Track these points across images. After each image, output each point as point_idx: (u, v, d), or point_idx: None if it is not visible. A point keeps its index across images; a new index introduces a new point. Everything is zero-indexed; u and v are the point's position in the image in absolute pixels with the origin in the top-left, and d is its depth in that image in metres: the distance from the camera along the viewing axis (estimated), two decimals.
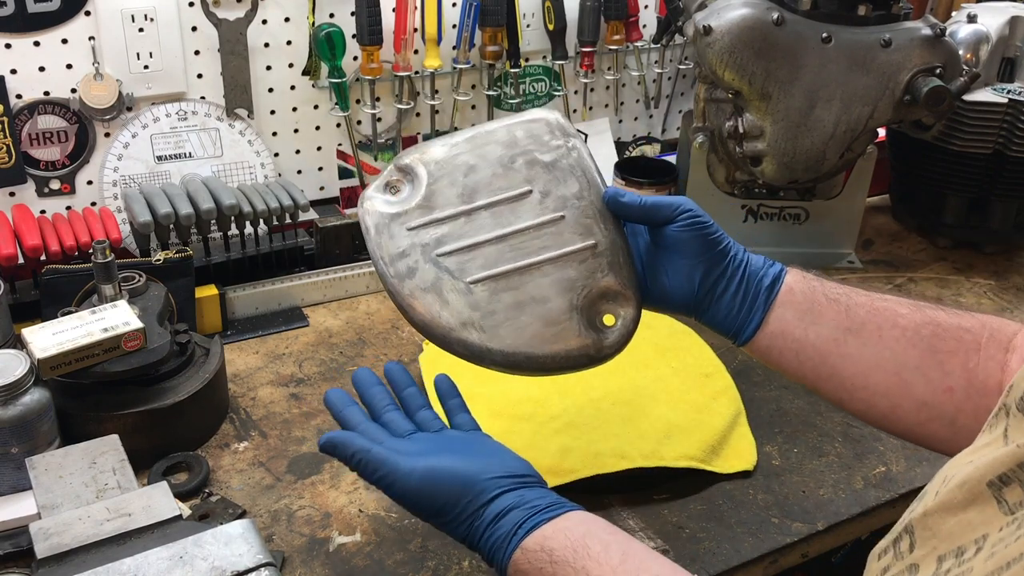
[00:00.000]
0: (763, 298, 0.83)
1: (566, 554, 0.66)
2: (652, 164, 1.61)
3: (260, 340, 1.27)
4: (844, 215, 1.51)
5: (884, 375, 0.79)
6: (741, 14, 1.26)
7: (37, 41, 1.23)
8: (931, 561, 0.54)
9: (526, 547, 0.68)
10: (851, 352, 0.80)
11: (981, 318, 0.79)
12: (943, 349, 0.77)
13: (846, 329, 0.80)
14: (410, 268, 0.82)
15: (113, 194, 1.34)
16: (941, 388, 0.76)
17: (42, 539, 0.70)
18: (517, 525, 0.69)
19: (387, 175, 0.87)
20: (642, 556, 0.67)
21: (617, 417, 1.06)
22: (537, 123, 0.89)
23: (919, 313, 0.80)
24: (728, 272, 0.84)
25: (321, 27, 1.39)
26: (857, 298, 0.82)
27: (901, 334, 0.79)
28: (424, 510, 0.73)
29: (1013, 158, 1.45)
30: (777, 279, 0.83)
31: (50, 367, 0.94)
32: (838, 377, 0.81)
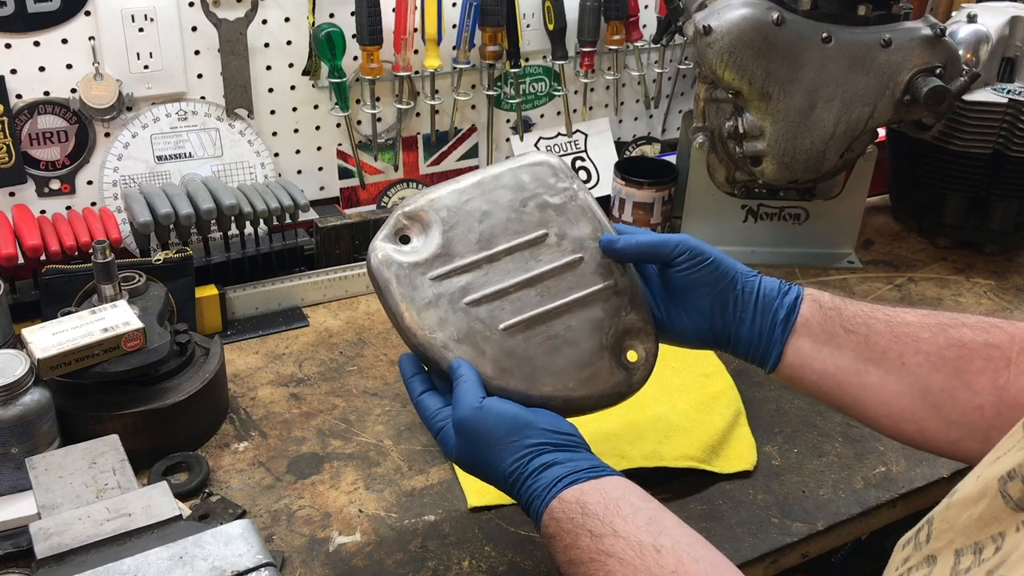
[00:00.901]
0: (779, 331, 0.82)
1: (597, 508, 0.69)
2: (652, 164, 1.61)
3: (260, 340, 1.27)
4: (844, 215, 1.51)
5: (910, 400, 0.78)
6: (741, 14, 1.26)
7: (37, 41, 1.23)
8: (948, 554, 0.54)
9: (563, 497, 0.71)
10: (873, 382, 0.79)
11: (1010, 330, 0.77)
12: (970, 370, 0.76)
13: (866, 359, 0.79)
14: (441, 320, 0.81)
15: (113, 194, 1.34)
16: (970, 408, 0.75)
17: (42, 539, 0.70)
18: (559, 478, 0.72)
19: (395, 223, 0.85)
20: (669, 522, 0.69)
21: (617, 417, 1.05)
22: (541, 167, 0.88)
23: (943, 335, 0.78)
24: (740, 305, 0.84)
25: (321, 27, 1.39)
26: (877, 326, 0.80)
27: (924, 359, 0.77)
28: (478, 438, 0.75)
29: (1013, 158, 1.45)
30: (792, 309, 0.82)
31: (50, 367, 0.94)
32: (861, 406, 0.81)
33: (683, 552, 0.65)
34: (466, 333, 0.81)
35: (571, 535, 0.69)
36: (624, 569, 0.65)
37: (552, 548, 0.71)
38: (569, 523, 0.69)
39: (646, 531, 0.67)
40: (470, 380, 0.78)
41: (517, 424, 0.75)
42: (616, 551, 0.66)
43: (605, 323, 0.84)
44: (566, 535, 0.69)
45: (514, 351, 0.81)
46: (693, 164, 1.47)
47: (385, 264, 0.82)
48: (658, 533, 0.67)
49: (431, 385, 0.82)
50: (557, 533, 0.70)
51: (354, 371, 1.21)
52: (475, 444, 0.76)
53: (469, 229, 0.84)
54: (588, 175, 1.71)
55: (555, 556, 0.71)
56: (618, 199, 1.56)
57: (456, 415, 0.76)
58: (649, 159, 1.70)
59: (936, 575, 0.54)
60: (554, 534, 0.71)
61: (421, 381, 0.82)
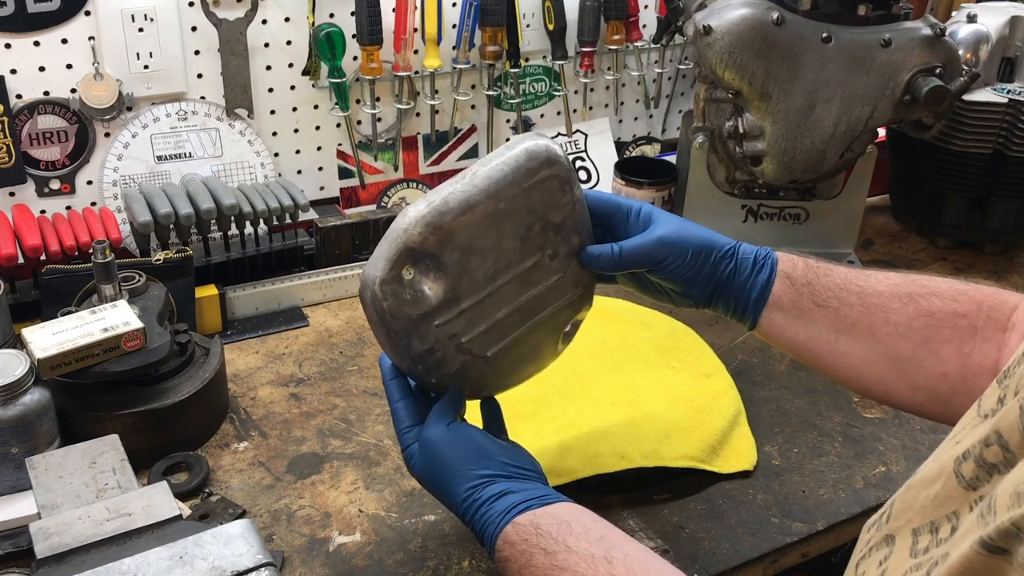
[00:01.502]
0: (752, 309, 0.86)
1: (551, 529, 0.71)
2: (652, 164, 1.61)
3: (260, 340, 1.27)
4: (844, 215, 1.51)
5: (878, 367, 0.81)
6: (741, 14, 1.26)
7: (37, 41, 1.23)
8: (906, 534, 0.55)
9: (517, 522, 0.73)
10: (843, 351, 0.83)
11: (978, 298, 0.79)
12: (937, 339, 0.79)
13: (837, 331, 0.83)
14: (437, 361, 0.81)
15: (113, 194, 1.34)
16: (935, 374, 0.78)
17: (42, 539, 0.70)
18: (513, 505, 0.74)
19: (401, 259, 0.77)
20: (619, 539, 0.71)
21: (617, 417, 1.06)
22: (551, 182, 0.82)
23: (912, 305, 0.81)
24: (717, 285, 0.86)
25: (321, 27, 1.39)
26: (848, 298, 0.83)
27: (894, 330, 0.80)
28: (439, 460, 0.78)
29: (1013, 158, 1.45)
30: (765, 288, 0.85)
31: (50, 367, 0.94)
32: (831, 371, 0.84)
33: (633, 562, 0.67)
34: (458, 369, 0.82)
35: (525, 555, 0.70)
36: None
37: (506, 571, 0.73)
38: (523, 544, 0.71)
39: (597, 545, 0.69)
40: (447, 402, 0.82)
41: (478, 453, 0.77)
42: (570, 565, 0.68)
43: (567, 322, 0.89)
44: (520, 556, 0.71)
45: (494, 371, 0.85)
46: (693, 164, 1.47)
47: (392, 316, 0.77)
48: (609, 547, 0.69)
49: (409, 392, 0.84)
50: (512, 556, 0.72)
51: (354, 371, 1.21)
52: (436, 465, 0.78)
53: (477, 268, 0.80)
54: (588, 175, 1.71)
55: None
56: None
57: (424, 432, 0.80)
58: (649, 159, 1.70)
59: (895, 554, 0.56)
60: (508, 557, 0.72)
61: (399, 387, 0.84)
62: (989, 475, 0.50)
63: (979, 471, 0.51)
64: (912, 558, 0.54)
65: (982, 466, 0.51)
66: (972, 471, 0.51)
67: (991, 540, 0.43)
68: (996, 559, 0.43)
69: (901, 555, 0.55)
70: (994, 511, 0.44)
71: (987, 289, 0.81)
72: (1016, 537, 0.42)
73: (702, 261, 0.85)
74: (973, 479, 0.51)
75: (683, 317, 1.28)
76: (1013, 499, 0.43)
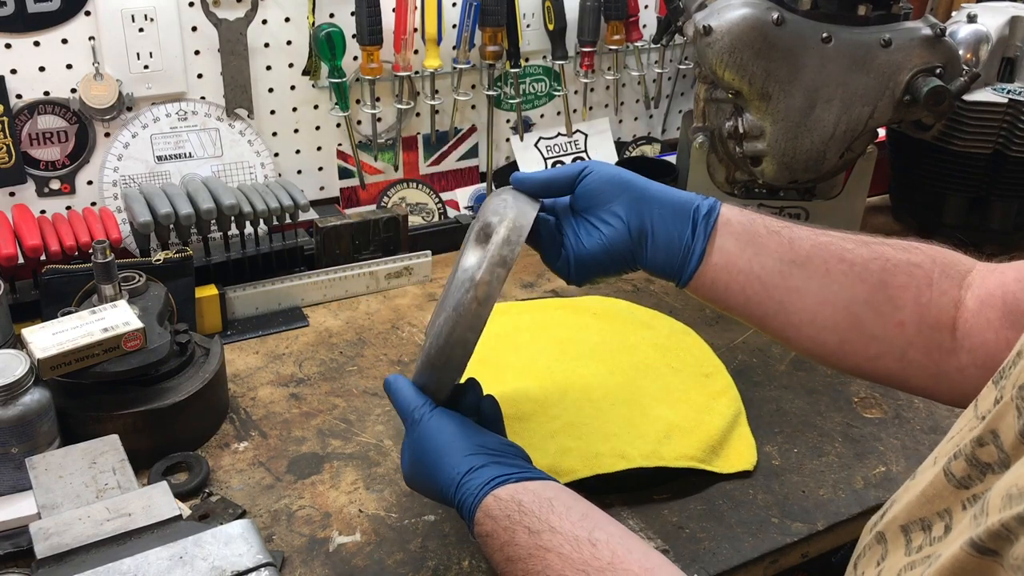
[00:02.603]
0: (701, 227, 0.79)
1: (533, 507, 0.70)
2: (652, 164, 1.61)
3: (260, 340, 1.27)
4: (844, 215, 1.51)
5: (833, 310, 0.77)
6: (741, 14, 1.26)
7: (37, 41, 1.23)
8: (896, 531, 0.56)
9: (498, 495, 0.72)
10: (798, 285, 0.77)
11: (930, 252, 0.78)
12: (893, 284, 0.76)
13: (791, 261, 0.78)
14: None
15: (113, 194, 1.34)
16: (892, 322, 0.75)
17: (42, 539, 0.70)
18: (494, 477, 0.74)
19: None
20: (600, 518, 0.71)
21: (617, 417, 1.06)
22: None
23: (866, 248, 0.78)
24: (655, 205, 0.81)
25: (321, 27, 1.39)
26: (799, 232, 0.79)
27: (849, 268, 0.77)
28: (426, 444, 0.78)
29: (1013, 158, 1.45)
30: (712, 209, 0.80)
31: (50, 367, 0.94)
32: (785, 312, 0.78)
33: (617, 544, 0.67)
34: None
35: (508, 532, 0.70)
36: (562, 563, 0.66)
37: (488, 547, 0.72)
38: (506, 520, 0.70)
39: (581, 526, 0.68)
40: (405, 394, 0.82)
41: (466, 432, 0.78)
42: (554, 546, 0.67)
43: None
44: (503, 532, 0.70)
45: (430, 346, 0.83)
46: (693, 164, 1.47)
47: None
48: (592, 528, 0.68)
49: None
50: (494, 531, 0.71)
51: (354, 371, 1.21)
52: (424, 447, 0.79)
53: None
54: None
55: (491, 555, 0.72)
56: None
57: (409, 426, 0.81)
58: (649, 159, 1.70)
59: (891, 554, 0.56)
60: (490, 532, 0.71)
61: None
62: (982, 474, 0.50)
63: (971, 470, 0.51)
64: (907, 556, 0.54)
65: (974, 465, 0.51)
66: (963, 470, 0.51)
67: (981, 541, 0.43)
68: (986, 560, 0.43)
69: (896, 554, 0.55)
70: (986, 513, 0.44)
71: (938, 247, 0.79)
72: (1006, 539, 0.42)
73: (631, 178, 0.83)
74: (964, 478, 0.51)
75: (683, 317, 1.28)
76: (1005, 501, 0.43)
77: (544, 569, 0.67)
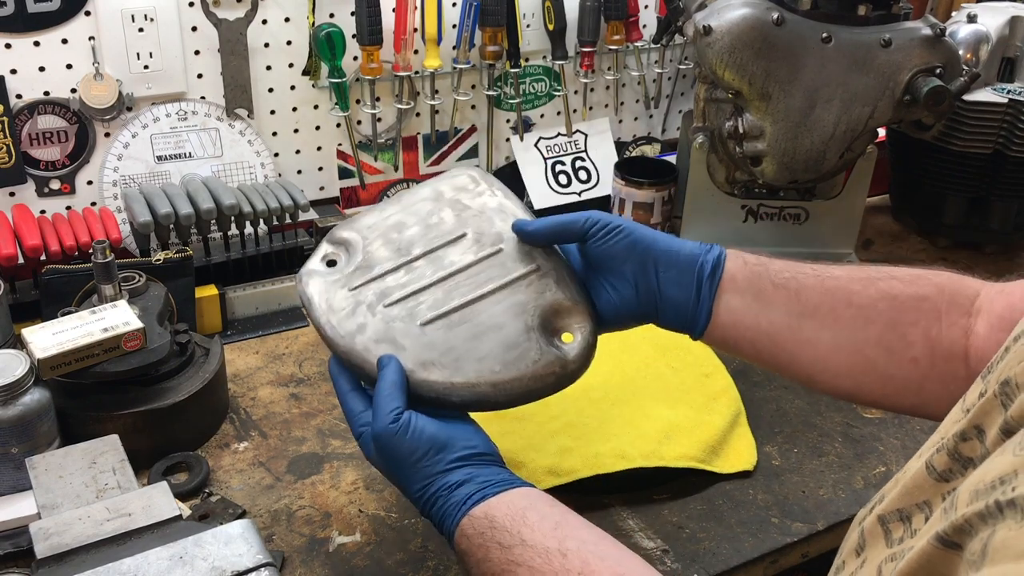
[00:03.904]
0: (707, 288, 0.80)
1: (505, 521, 0.70)
2: (652, 164, 1.61)
3: (260, 340, 1.27)
4: (844, 215, 1.51)
5: (845, 355, 0.77)
6: (741, 14, 1.26)
7: (37, 41, 1.23)
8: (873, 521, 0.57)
9: (473, 514, 0.72)
10: (808, 337, 0.78)
11: (938, 282, 0.77)
12: (903, 321, 0.76)
13: (799, 314, 0.78)
14: (359, 325, 0.81)
15: (113, 194, 1.34)
16: (905, 359, 0.75)
17: (42, 539, 0.70)
18: (468, 496, 0.73)
19: (321, 250, 0.88)
20: (574, 525, 0.70)
21: (617, 417, 1.06)
22: (459, 177, 0.92)
23: (873, 287, 0.78)
24: (663, 266, 0.81)
25: (321, 27, 1.39)
26: (806, 280, 0.79)
27: (858, 312, 0.77)
28: (392, 456, 0.76)
29: (1013, 158, 1.45)
30: (717, 265, 0.80)
31: (50, 367, 0.94)
32: (797, 363, 0.79)
33: (589, 553, 0.66)
34: (384, 333, 0.81)
35: (482, 549, 0.70)
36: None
37: (466, 564, 0.72)
38: (479, 538, 0.70)
39: (552, 537, 0.68)
40: (388, 385, 0.77)
41: (433, 446, 0.75)
42: (525, 560, 0.67)
43: (529, 304, 0.83)
44: (477, 550, 0.70)
45: (435, 343, 0.80)
46: (693, 164, 1.47)
47: (307, 284, 0.85)
48: (564, 537, 0.68)
49: (357, 384, 0.82)
50: (469, 549, 0.71)
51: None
52: (390, 461, 0.76)
53: (387, 241, 0.87)
54: (588, 175, 1.71)
55: (469, 571, 0.72)
56: (618, 199, 1.56)
57: (373, 428, 0.76)
58: (649, 159, 1.70)
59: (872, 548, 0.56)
60: (466, 550, 0.71)
61: (347, 380, 0.82)
62: (964, 468, 0.50)
63: (952, 464, 0.51)
64: (888, 548, 0.54)
65: (956, 459, 0.51)
66: (944, 463, 0.51)
67: (946, 535, 0.44)
68: (950, 553, 0.44)
69: (878, 546, 0.55)
70: (955, 507, 0.44)
71: (945, 273, 0.78)
72: (968, 533, 0.42)
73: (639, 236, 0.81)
74: (945, 471, 0.51)
75: None
76: (972, 496, 0.43)
77: None
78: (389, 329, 0.81)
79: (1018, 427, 0.46)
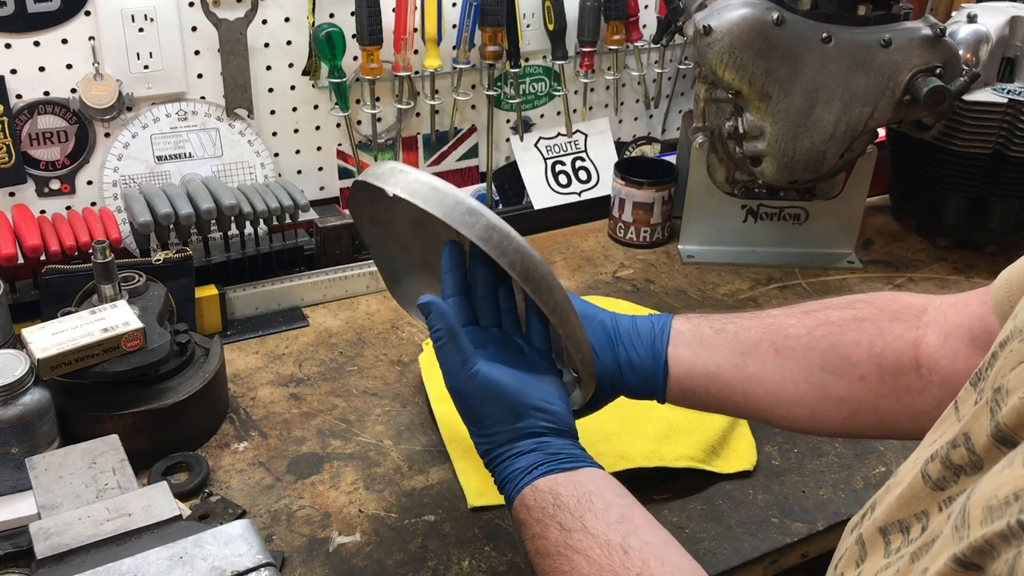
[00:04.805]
0: (661, 346, 0.82)
1: (570, 501, 0.68)
2: (652, 164, 1.61)
3: (260, 340, 1.27)
4: (844, 215, 1.51)
5: (794, 385, 0.79)
6: (741, 14, 1.26)
7: (37, 41, 1.23)
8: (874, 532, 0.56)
9: (537, 486, 0.70)
10: (755, 372, 0.80)
11: (876, 303, 0.79)
12: (843, 342, 0.77)
13: (741, 353, 0.80)
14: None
15: (113, 194, 1.34)
16: (854, 378, 0.77)
17: (42, 539, 0.70)
18: (536, 464, 0.72)
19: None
20: (639, 522, 0.68)
21: (617, 417, 1.05)
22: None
23: (809, 318, 0.80)
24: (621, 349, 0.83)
25: (321, 27, 1.39)
26: (743, 322, 0.82)
27: (797, 343, 0.79)
28: (468, 411, 0.75)
29: (1013, 158, 1.45)
30: (665, 324, 0.83)
31: (50, 367, 0.94)
32: (752, 400, 0.81)
33: (650, 554, 0.65)
34: None
35: (541, 524, 0.69)
36: (590, 567, 0.65)
37: (521, 534, 0.72)
38: (540, 512, 0.69)
39: (616, 530, 0.66)
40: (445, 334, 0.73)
41: (510, 412, 0.73)
42: (584, 548, 0.66)
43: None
44: (536, 524, 0.69)
45: None
46: (693, 164, 1.47)
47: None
48: (627, 533, 0.66)
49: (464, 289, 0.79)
50: (527, 521, 0.70)
51: (354, 371, 1.21)
52: (467, 412, 0.75)
53: None
54: (588, 175, 1.71)
55: (524, 542, 0.71)
56: (618, 199, 1.56)
57: (449, 384, 0.74)
58: (649, 159, 1.70)
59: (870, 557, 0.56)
60: (524, 521, 0.71)
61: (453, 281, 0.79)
62: (956, 476, 0.50)
63: (945, 472, 0.51)
64: (885, 558, 0.54)
65: (948, 467, 0.51)
66: (939, 472, 0.51)
67: (965, 557, 0.43)
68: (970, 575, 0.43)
69: (875, 556, 0.55)
70: (968, 525, 0.43)
71: (886, 294, 0.80)
72: (989, 555, 0.42)
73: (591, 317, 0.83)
74: (940, 479, 0.51)
75: None
76: (986, 513, 0.43)
77: (571, 571, 0.66)
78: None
79: (1012, 434, 0.46)
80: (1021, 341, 0.51)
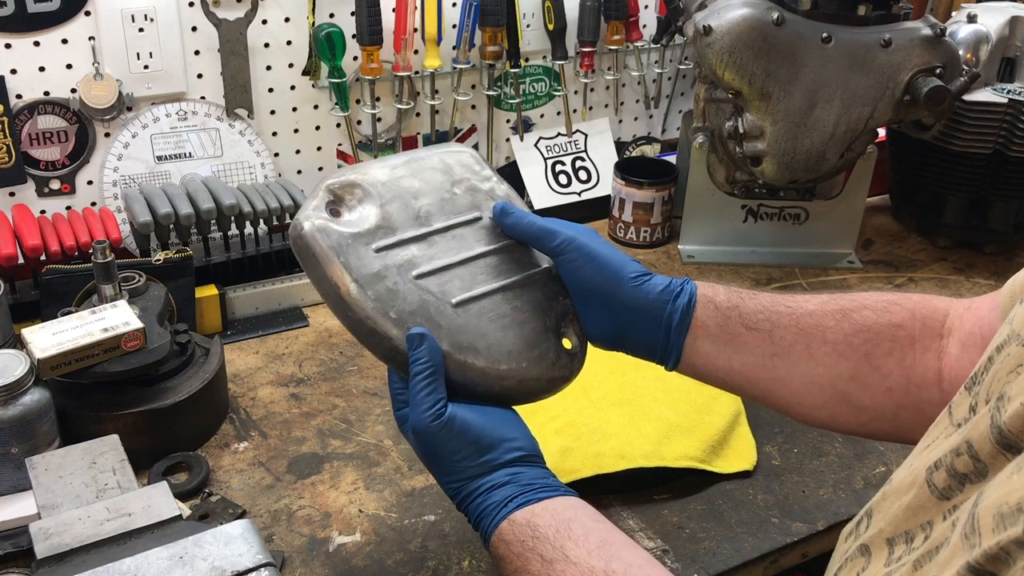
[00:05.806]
0: (674, 336, 0.79)
1: (548, 532, 0.67)
2: (652, 164, 1.61)
3: (260, 340, 1.27)
4: (844, 215, 1.51)
5: (819, 390, 0.77)
6: (741, 14, 1.26)
7: (37, 41, 1.23)
8: (880, 543, 0.56)
9: (514, 519, 0.69)
10: (781, 375, 0.78)
11: (910, 306, 0.77)
12: (877, 353, 0.76)
13: (772, 355, 0.78)
14: (390, 291, 0.75)
15: (113, 194, 1.34)
16: (880, 390, 0.76)
17: (42, 539, 0.70)
18: (509, 498, 0.70)
19: (324, 195, 0.79)
20: (620, 544, 0.67)
21: (617, 417, 1.06)
22: (463, 154, 0.88)
23: (847, 322, 0.77)
24: (629, 310, 0.80)
25: (321, 27, 1.39)
26: (780, 320, 0.79)
27: (832, 348, 0.77)
28: (431, 451, 0.73)
29: (1013, 158, 1.45)
30: (686, 313, 0.79)
31: (50, 367, 0.94)
32: (772, 398, 0.79)
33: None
34: (419, 305, 0.75)
35: (521, 558, 0.68)
36: None
37: (502, 569, 0.70)
38: (519, 546, 0.68)
39: (597, 555, 0.65)
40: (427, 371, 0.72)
41: (478, 448, 0.72)
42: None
43: (546, 305, 0.81)
44: (516, 558, 0.68)
45: (467, 327, 0.76)
46: (693, 164, 1.47)
47: (322, 233, 0.75)
48: (610, 557, 0.65)
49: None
50: (507, 556, 0.69)
51: (354, 371, 1.21)
52: (429, 455, 0.74)
53: (405, 205, 0.81)
54: (588, 175, 1.71)
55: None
56: (618, 199, 1.56)
57: (412, 421, 0.72)
58: (649, 159, 1.70)
59: (872, 566, 0.55)
60: (504, 556, 0.69)
61: None
62: (961, 484, 0.50)
63: (951, 481, 0.51)
64: (886, 567, 0.53)
65: (953, 476, 0.50)
66: (944, 481, 0.51)
67: (979, 565, 0.42)
68: None
69: (877, 565, 0.55)
70: (979, 532, 0.43)
71: (915, 296, 0.78)
72: (1005, 562, 0.41)
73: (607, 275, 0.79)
74: (946, 489, 0.51)
75: None
76: (997, 521, 0.42)
77: None
78: (423, 303, 0.76)
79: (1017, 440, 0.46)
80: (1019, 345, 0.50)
